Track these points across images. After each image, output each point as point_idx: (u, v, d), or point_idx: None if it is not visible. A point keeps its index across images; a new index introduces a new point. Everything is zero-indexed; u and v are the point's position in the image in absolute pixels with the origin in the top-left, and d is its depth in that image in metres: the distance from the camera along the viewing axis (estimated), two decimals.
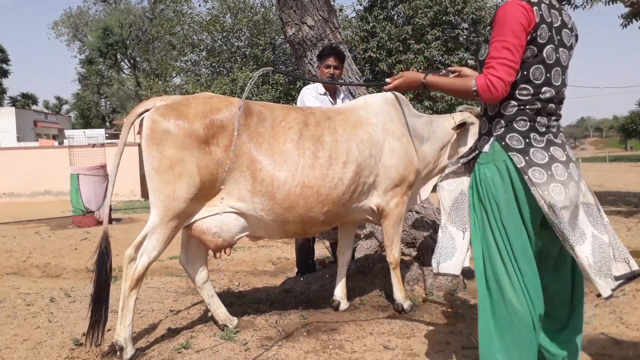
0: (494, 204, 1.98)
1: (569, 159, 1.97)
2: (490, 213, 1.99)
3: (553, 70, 1.97)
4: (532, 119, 1.98)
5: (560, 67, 1.98)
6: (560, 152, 1.97)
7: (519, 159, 1.92)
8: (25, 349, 2.86)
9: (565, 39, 1.99)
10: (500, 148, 1.98)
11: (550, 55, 1.95)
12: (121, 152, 2.75)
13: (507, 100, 1.99)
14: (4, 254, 6.02)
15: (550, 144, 1.97)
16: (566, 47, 2.00)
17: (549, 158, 1.93)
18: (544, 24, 1.91)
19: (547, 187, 1.88)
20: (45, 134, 32.44)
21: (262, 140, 2.81)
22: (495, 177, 1.98)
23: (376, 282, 3.82)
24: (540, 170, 1.90)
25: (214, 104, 2.78)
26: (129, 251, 2.66)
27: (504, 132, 2.00)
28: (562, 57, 1.99)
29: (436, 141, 3.30)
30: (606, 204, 8.95)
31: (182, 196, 2.64)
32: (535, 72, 1.95)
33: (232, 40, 16.80)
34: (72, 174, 9.15)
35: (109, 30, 34.42)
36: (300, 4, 4.31)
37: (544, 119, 1.99)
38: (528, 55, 1.93)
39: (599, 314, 3.13)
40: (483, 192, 2.02)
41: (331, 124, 3.02)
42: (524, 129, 1.98)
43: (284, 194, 2.79)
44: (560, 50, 1.97)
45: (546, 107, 1.99)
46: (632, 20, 9.61)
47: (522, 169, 1.91)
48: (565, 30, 1.99)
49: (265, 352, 2.71)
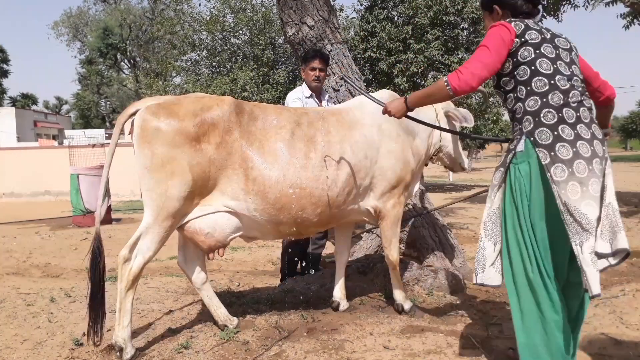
0: (525, 201, 2.08)
1: (594, 154, 2.03)
2: (520, 209, 2.09)
3: (557, 63, 2.13)
4: (558, 111, 2.07)
5: (564, 62, 2.15)
6: (587, 147, 2.03)
7: (545, 155, 2.02)
8: (25, 349, 2.86)
9: (561, 44, 2.20)
10: (530, 145, 2.08)
11: (548, 51, 2.14)
12: (112, 153, 2.74)
13: (529, 96, 2.13)
14: (4, 254, 6.02)
15: (578, 138, 2.03)
16: (565, 49, 2.19)
17: (573, 154, 2.00)
18: (530, 30, 2.14)
19: (566, 186, 1.97)
20: (45, 134, 32.43)
21: (254, 138, 2.81)
22: (528, 174, 2.08)
23: (376, 282, 3.82)
24: (563, 167, 1.99)
25: (205, 102, 2.78)
26: (123, 252, 2.66)
27: (533, 127, 2.10)
28: (562, 54, 2.17)
29: (424, 130, 3.29)
30: None
31: (175, 194, 2.64)
32: (542, 64, 2.12)
33: (233, 40, 16.79)
34: (72, 174, 9.15)
35: (109, 30, 34.41)
36: (300, 4, 4.31)
37: (570, 111, 2.07)
38: (526, 55, 2.13)
39: (599, 314, 3.13)
40: (516, 192, 2.11)
41: (324, 124, 3.01)
42: (552, 122, 2.06)
43: (275, 194, 2.79)
44: (559, 49, 2.17)
45: (568, 97, 2.09)
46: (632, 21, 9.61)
47: (546, 165, 2.01)
48: (558, 39, 2.21)
49: (266, 352, 2.71)
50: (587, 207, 1.98)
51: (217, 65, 16.91)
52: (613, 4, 9.31)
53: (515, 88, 2.21)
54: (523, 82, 2.17)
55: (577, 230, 1.96)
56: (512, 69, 2.20)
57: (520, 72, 2.17)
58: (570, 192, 1.97)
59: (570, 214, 1.95)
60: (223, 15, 16.46)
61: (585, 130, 2.06)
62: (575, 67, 2.20)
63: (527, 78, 2.15)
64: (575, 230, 1.96)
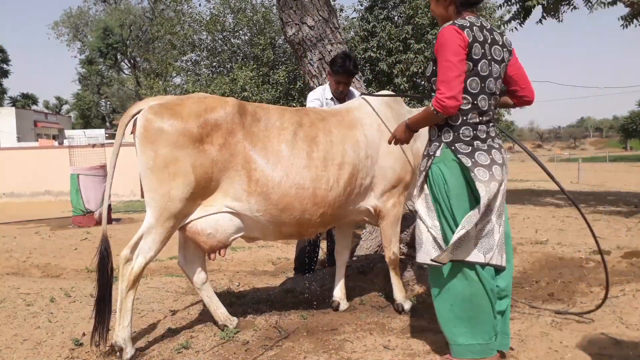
0: (445, 196, 2.34)
1: (504, 162, 2.38)
2: (443, 204, 2.35)
3: (487, 81, 2.34)
4: (474, 128, 2.36)
5: (492, 78, 2.36)
6: (499, 156, 2.36)
7: (467, 160, 2.30)
8: (25, 349, 2.86)
9: (496, 54, 2.37)
10: (449, 152, 2.36)
11: (483, 68, 2.31)
12: (117, 153, 2.73)
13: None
14: (4, 254, 6.02)
15: (492, 148, 2.36)
16: (497, 61, 2.37)
17: (490, 160, 2.32)
18: (476, 43, 2.27)
19: (489, 184, 2.26)
20: (45, 134, 32.45)
21: (256, 139, 2.81)
22: (446, 173, 2.34)
23: (376, 282, 3.82)
24: (484, 170, 2.28)
25: (208, 103, 2.78)
26: (125, 252, 2.66)
27: (452, 140, 2.37)
28: (494, 69, 2.36)
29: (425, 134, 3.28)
30: (606, 203, 8.96)
31: (177, 195, 2.64)
32: (472, 84, 2.33)
33: (233, 40, 16.79)
34: (72, 174, 9.16)
35: (109, 30, 34.43)
36: (300, 4, 4.31)
37: (483, 126, 2.38)
38: (465, 70, 2.28)
39: (599, 314, 3.12)
40: (436, 188, 2.38)
41: (326, 125, 3.01)
42: (469, 138, 2.35)
43: (279, 195, 2.79)
44: (492, 64, 2.35)
45: (483, 114, 2.36)
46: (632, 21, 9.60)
47: (470, 168, 2.28)
48: (496, 47, 2.36)
49: (266, 352, 2.71)
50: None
51: (217, 65, 16.91)
52: (613, 4, 9.31)
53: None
54: None
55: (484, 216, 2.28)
56: None
57: None
58: (494, 190, 2.26)
59: (489, 207, 2.27)
60: (223, 15, 16.46)
61: (494, 142, 2.39)
62: (499, 81, 2.41)
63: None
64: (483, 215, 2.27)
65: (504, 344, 2.46)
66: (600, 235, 5.58)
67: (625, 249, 4.74)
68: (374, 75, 13.71)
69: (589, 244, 5.04)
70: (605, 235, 5.54)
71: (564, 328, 2.93)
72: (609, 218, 6.93)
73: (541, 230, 6.14)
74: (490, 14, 13.94)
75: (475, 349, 2.35)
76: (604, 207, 8.41)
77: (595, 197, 10.47)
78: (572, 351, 2.61)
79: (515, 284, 3.87)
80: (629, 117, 60.16)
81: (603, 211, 7.78)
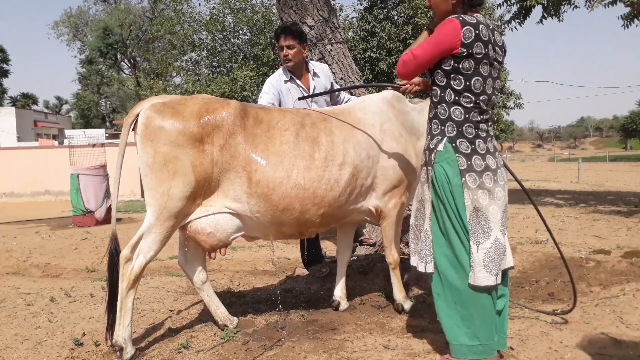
0: (449, 194, 2.35)
1: (497, 165, 2.40)
2: (446, 202, 2.37)
3: (487, 81, 2.37)
4: (476, 126, 2.38)
5: (491, 79, 2.39)
6: (492, 160, 2.39)
7: (463, 161, 2.34)
8: (25, 349, 2.86)
9: (498, 55, 2.40)
10: (451, 148, 2.37)
11: (485, 68, 2.34)
12: (123, 153, 2.74)
13: (455, 106, 2.38)
14: (4, 253, 6.01)
15: (487, 153, 2.39)
16: (498, 62, 2.41)
17: (484, 167, 2.35)
18: (479, 42, 2.29)
19: (477, 192, 2.31)
20: (46, 134, 32.46)
21: (258, 141, 2.81)
22: (449, 172, 2.36)
23: (376, 282, 3.82)
24: (475, 177, 2.32)
25: (210, 104, 2.78)
26: (125, 251, 2.66)
27: (455, 135, 2.38)
28: (493, 71, 2.39)
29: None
30: (606, 203, 8.95)
31: (177, 194, 2.64)
32: (476, 83, 2.34)
33: (233, 40, 16.79)
34: (72, 174, 9.15)
35: (109, 30, 34.39)
36: (300, 4, 4.31)
37: (484, 125, 2.41)
38: (467, 67, 2.32)
39: (599, 314, 3.13)
40: (439, 186, 2.39)
41: (327, 125, 3.01)
42: (471, 136, 2.37)
43: (279, 196, 2.79)
44: (494, 64, 2.38)
45: (484, 113, 2.39)
46: (632, 21, 9.60)
47: (462, 171, 2.33)
48: (497, 48, 2.39)
49: (266, 352, 2.71)
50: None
51: (217, 65, 16.91)
52: (613, 4, 9.30)
53: (445, 89, 2.40)
54: (455, 90, 2.37)
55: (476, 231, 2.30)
56: (451, 70, 2.36)
57: (456, 82, 2.36)
58: (481, 198, 2.31)
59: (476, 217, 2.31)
60: (223, 15, 16.46)
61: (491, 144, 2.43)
62: (497, 81, 2.45)
63: (460, 89, 2.35)
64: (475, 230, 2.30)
65: (502, 344, 2.47)
66: (600, 235, 5.59)
67: (625, 248, 4.73)
68: (373, 75, 13.70)
69: (589, 244, 5.04)
70: (605, 235, 5.54)
71: (564, 328, 2.93)
72: (609, 218, 6.92)
73: (541, 230, 6.13)
74: (490, 13, 13.94)
75: (478, 349, 2.35)
76: (604, 206, 8.40)
77: (595, 196, 10.47)
78: (572, 351, 2.61)
79: (515, 283, 3.87)
80: (629, 117, 60.17)
81: (603, 211, 7.78)
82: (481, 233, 2.31)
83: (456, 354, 2.39)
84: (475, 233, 2.30)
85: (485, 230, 2.31)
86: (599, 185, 14.97)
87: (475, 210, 2.30)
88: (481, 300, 2.34)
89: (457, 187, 2.34)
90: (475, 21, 2.31)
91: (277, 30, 3.71)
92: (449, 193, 2.35)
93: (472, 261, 2.30)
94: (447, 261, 2.39)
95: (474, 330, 2.35)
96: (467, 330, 2.36)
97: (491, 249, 2.30)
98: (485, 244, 2.30)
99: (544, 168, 31.91)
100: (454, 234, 2.35)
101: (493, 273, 2.30)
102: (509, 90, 15.73)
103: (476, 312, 2.34)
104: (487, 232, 2.31)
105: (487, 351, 2.36)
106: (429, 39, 2.37)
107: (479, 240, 2.30)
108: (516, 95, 15.91)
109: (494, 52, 2.36)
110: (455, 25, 2.29)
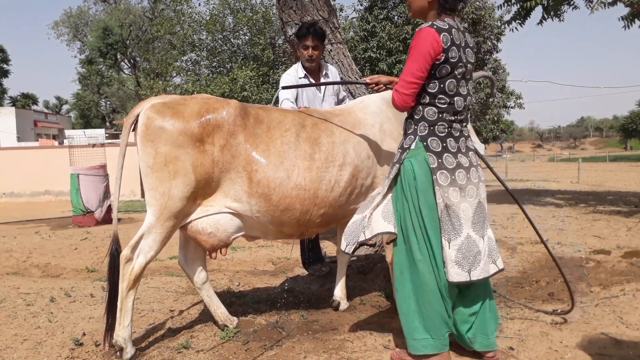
0: (414, 191, 2.39)
1: (471, 164, 2.44)
2: (409, 199, 2.40)
3: (461, 83, 2.42)
4: (449, 125, 2.42)
5: (465, 80, 2.43)
6: (465, 159, 2.43)
7: (433, 160, 2.37)
8: (25, 349, 2.86)
9: (470, 57, 2.44)
10: (422, 147, 2.40)
11: (459, 71, 2.38)
12: (124, 154, 2.74)
13: (429, 107, 2.42)
14: (4, 254, 6.01)
15: (459, 152, 2.42)
16: (471, 63, 2.46)
17: (456, 164, 2.39)
18: (454, 46, 2.33)
19: (448, 190, 2.34)
20: (46, 134, 32.46)
21: (259, 141, 2.81)
22: (416, 169, 2.39)
23: (376, 282, 3.82)
24: (447, 174, 2.36)
25: (211, 104, 2.78)
26: (125, 251, 2.66)
27: (427, 134, 2.42)
28: (467, 72, 2.44)
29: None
30: (606, 203, 8.95)
31: (177, 194, 2.64)
32: (450, 85, 2.38)
33: (232, 40, 16.80)
34: (72, 174, 9.15)
35: (109, 30, 34.38)
36: (300, 4, 4.31)
37: (457, 125, 2.44)
38: (444, 73, 2.35)
39: (599, 314, 3.13)
40: (405, 182, 2.42)
41: (328, 125, 3.01)
42: (443, 134, 2.41)
43: (279, 196, 2.79)
44: (467, 66, 2.42)
45: (458, 114, 2.43)
46: (633, 21, 9.59)
47: (433, 170, 2.36)
48: (468, 50, 2.44)
49: (266, 352, 2.71)
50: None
51: (217, 65, 16.91)
52: (613, 4, 9.30)
53: (420, 93, 2.42)
54: (430, 93, 2.40)
55: (447, 228, 2.34)
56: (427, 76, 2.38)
57: (431, 85, 2.39)
58: (452, 196, 2.34)
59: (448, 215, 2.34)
60: (223, 15, 16.47)
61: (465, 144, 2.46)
62: (470, 82, 2.50)
63: (434, 92, 2.39)
64: (445, 227, 2.34)
65: (484, 344, 2.48)
66: (600, 235, 5.59)
67: (626, 248, 4.73)
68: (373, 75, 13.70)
69: (589, 244, 5.04)
70: (605, 235, 5.54)
71: (564, 328, 2.93)
72: (609, 218, 6.92)
73: (541, 230, 6.13)
74: (489, 13, 13.93)
75: (428, 343, 2.40)
76: (604, 206, 8.39)
77: (595, 196, 10.46)
78: (572, 351, 2.61)
79: (515, 283, 3.87)
80: (629, 117, 60.17)
81: (603, 211, 7.78)
82: (452, 230, 2.34)
83: (410, 348, 2.45)
84: (446, 230, 2.34)
85: (457, 227, 2.34)
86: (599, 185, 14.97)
87: (446, 207, 2.33)
88: (430, 297, 2.38)
89: (422, 184, 2.37)
90: (448, 26, 2.34)
91: (303, 30, 3.75)
92: (413, 190, 2.39)
93: (444, 257, 2.35)
94: (404, 257, 2.45)
95: (425, 325, 2.40)
96: (418, 324, 2.41)
97: (462, 246, 2.34)
98: (456, 241, 2.34)
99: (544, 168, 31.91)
100: (412, 230, 2.40)
101: (465, 269, 2.34)
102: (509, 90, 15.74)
103: (425, 308, 2.39)
104: (458, 229, 2.34)
105: (437, 346, 2.41)
106: (411, 57, 2.35)
107: (450, 237, 2.34)
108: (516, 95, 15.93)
109: (465, 54, 2.40)
110: (432, 32, 2.30)
